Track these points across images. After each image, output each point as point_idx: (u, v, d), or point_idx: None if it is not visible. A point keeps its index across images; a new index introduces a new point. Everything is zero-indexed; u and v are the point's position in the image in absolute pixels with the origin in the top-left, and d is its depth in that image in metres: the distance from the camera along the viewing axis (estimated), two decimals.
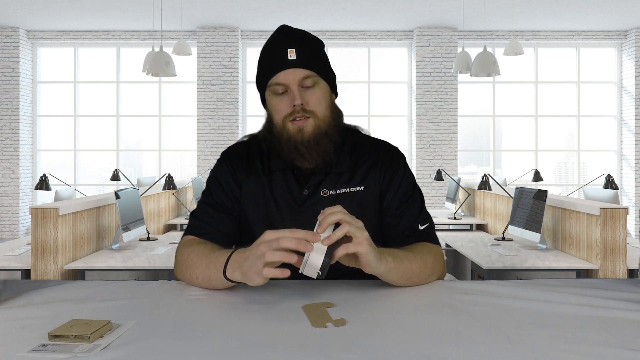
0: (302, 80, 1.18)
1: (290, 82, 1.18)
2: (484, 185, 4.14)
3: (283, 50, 1.18)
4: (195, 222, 1.25)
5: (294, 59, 1.18)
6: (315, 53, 1.21)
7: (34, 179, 8.97)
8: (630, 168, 8.72)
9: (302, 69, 1.18)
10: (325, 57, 1.24)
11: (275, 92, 1.20)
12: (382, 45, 8.95)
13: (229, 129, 8.63)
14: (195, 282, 1.10)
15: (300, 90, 1.19)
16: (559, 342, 0.78)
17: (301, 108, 1.18)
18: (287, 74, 1.18)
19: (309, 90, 1.20)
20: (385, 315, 0.91)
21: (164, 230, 5.06)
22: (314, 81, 1.20)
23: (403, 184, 1.28)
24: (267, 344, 0.76)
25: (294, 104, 1.17)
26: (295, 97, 1.17)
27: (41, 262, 2.92)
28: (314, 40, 1.23)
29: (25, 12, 7.76)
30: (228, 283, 1.05)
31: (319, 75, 1.21)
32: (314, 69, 1.19)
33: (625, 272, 2.98)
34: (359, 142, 1.31)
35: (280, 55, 1.18)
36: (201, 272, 1.08)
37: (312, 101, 1.19)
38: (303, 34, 1.22)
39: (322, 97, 1.21)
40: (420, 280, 1.12)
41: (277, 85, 1.19)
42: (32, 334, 0.81)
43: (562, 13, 7.79)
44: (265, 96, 1.25)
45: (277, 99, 1.20)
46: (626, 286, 1.12)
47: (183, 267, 1.14)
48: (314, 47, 1.22)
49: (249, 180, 1.28)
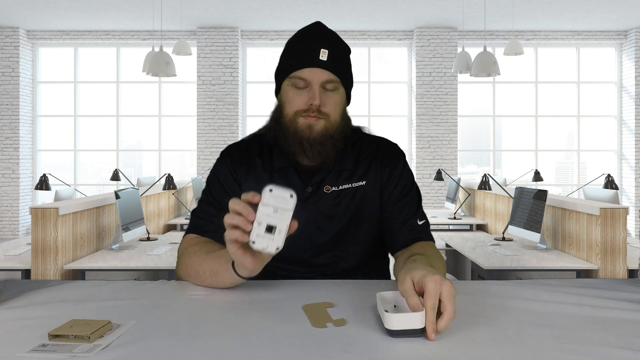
0: (325, 82, 1.20)
1: (313, 81, 1.19)
2: (484, 185, 4.14)
3: (316, 48, 1.19)
4: (197, 221, 1.26)
5: (325, 60, 1.19)
6: (344, 59, 1.23)
7: (34, 179, 8.97)
8: (630, 168, 8.71)
9: (329, 72, 1.20)
10: (350, 65, 1.27)
11: (295, 85, 1.21)
12: (382, 45, 8.95)
13: (229, 129, 8.63)
14: (202, 277, 1.09)
15: (320, 91, 1.20)
16: (559, 342, 0.78)
17: (317, 108, 1.19)
18: (314, 72, 1.19)
19: (329, 94, 1.21)
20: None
21: (164, 230, 5.06)
22: (335, 86, 1.21)
23: (402, 179, 1.30)
24: (267, 344, 0.76)
25: (312, 103, 1.18)
26: (315, 97, 1.18)
27: (41, 262, 2.92)
28: (344, 46, 1.25)
29: (25, 12, 7.76)
30: (236, 278, 1.03)
31: (340, 82, 1.22)
32: (339, 75, 1.21)
33: (625, 272, 2.98)
34: (360, 139, 1.33)
35: (312, 52, 1.19)
36: (209, 266, 1.07)
37: (329, 104, 1.21)
38: (337, 38, 1.24)
39: (339, 102, 1.23)
40: None
41: (300, 79, 1.19)
42: (32, 334, 0.81)
43: (562, 13, 7.79)
44: (282, 85, 1.25)
45: (295, 92, 1.21)
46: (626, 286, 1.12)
47: (188, 263, 1.14)
48: (343, 53, 1.24)
49: (249, 178, 1.28)
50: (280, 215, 0.88)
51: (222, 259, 1.06)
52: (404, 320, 0.78)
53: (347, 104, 1.30)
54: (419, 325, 0.78)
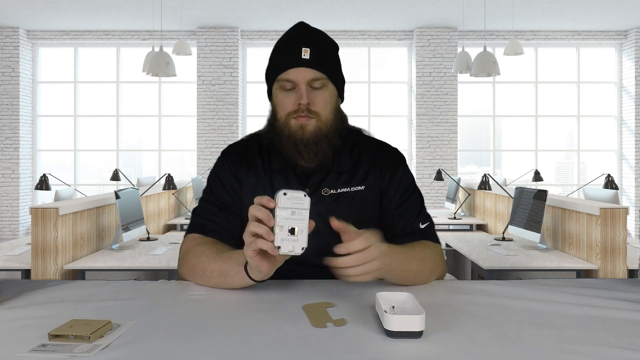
0: (311, 80, 1.19)
1: (299, 81, 1.18)
2: (484, 185, 4.14)
3: (298, 48, 1.19)
4: (199, 220, 1.25)
5: (307, 59, 1.18)
6: (329, 56, 1.22)
7: (34, 179, 8.97)
8: (630, 168, 8.71)
9: (313, 69, 1.19)
10: (337, 61, 1.25)
11: (283, 88, 1.20)
12: (382, 45, 8.95)
13: (229, 129, 8.63)
14: (209, 277, 1.09)
15: (308, 90, 1.19)
16: (559, 342, 0.78)
17: (306, 107, 1.18)
18: (298, 72, 1.18)
19: (317, 92, 1.20)
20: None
21: (164, 230, 5.07)
22: (323, 83, 1.21)
23: (403, 183, 1.29)
24: (267, 344, 0.76)
25: (300, 103, 1.18)
26: (302, 96, 1.18)
27: (41, 262, 2.92)
28: (329, 43, 1.24)
29: (25, 12, 7.76)
30: (247, 280, 1.03)
31: (328, 79, 1.21)
32: (324, 72, 1.20)
33: (625, 272, 2.98)
34: (360, 141, 1.32)
35: (294, 52, 1.19)
36: (217, 267, 1.07)
37: (318, 102, 1.20)
38: (320, 35, 1.23)
39: (328, 100, 1.22)
40: (418, 279, 1.13)
41: (286, 81, 1.19)
42: (32, 334, 0.81)
43: (562, 13, 7.79)
44: (272, 90, 1.25)
45: (284, 95, 1.20)
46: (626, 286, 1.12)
47: (194, 263, 1.13)
48: (328, 49, 1.23)
49: (249, 177, 1.28)
50: (298, 216, 0.90)
51: (233, 261, 1.05)
52: (403, 322, 0.78)
53: (341, 101, 1.30)
54: (418, 327, 0.78)
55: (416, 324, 0.78)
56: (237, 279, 1.04)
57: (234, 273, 1.04)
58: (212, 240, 1.21)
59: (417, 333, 0.78)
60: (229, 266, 1.05)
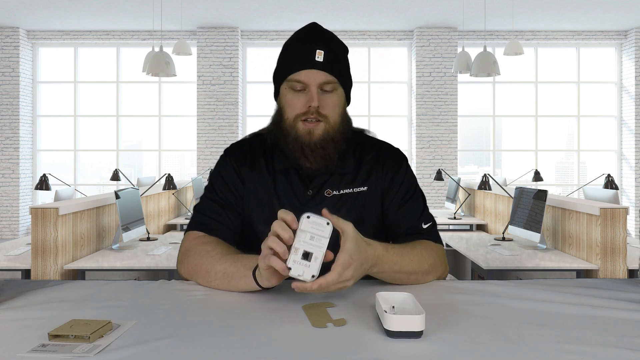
0: (322, 83, 1.18)
1: (311, 83, 1.18)
2: (484, 185, 4.14)
3: (311, 49, 1.18)
4: (201, 217, 1.24)
5: (321, 61, 1.18)
6: (341, 59, 1.22)
7: (34, 179, 8.97)
8: (630, 168, 8.72)
9: (326, 72, 1.18)
10: (347, 65, 1.25)
11: (293, 88, 1.20)
12: (382, 45, 8.95)
13: (229, 129, 8.63)
14: (212, 277, 1.08)
15: (318, 92, 1.19)
16: (559, 342, 0.78)
17: (316, 110, 1.18)
18: (310, 74, 1.18)
19: (327, 95, 1.20)
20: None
21: (164, 230, 5.07)
22: (333, 87, 1.20)
23: (405, 183, 1.29)
24: (267, 344, 0.76)
25: (310, 105, 1.17)
26: (313, 99, 1.17)
27: (41, 262, 2.92)
28: (341, 46, 1.23)
29: (25, 12, 7.76)
30: (254, 286, 1.02)
31: (338, 82, 1.21)
32: (336, 75, 1.20)
33: (625, 272, 2.98)
34: (362, 142, 1.32)
35: (307, 54, 1.18)
36: (223, 268, 1.06)
37: (327, 106, 1.20)
38: (333, 37, 1.23)
39: (337, 103, 1.22)
40: (413, 279, 1.12)
41: (297, 82, 1.18)
42: (32, 334, 0.81)
43: (562, 13, 7.79)
44: (280, 89, 1.24)
45: (293, 95, 1.20)
46: (626, 286, 1.12)
47: (197, 262, 1.12)
48: (340, 53, 1.22)
49: (252, 176, 1.27)
50: (317, 243, 0.90)
51: (240, 264, 1.05)
52: (403, 322, 0.78)
53: (347, 104, 1.29)
54: (418, 327, 0.78)
55: (416, 324, 0.78)
56: (242, 282, 1.03)
57: (240, 277, 1.03)
58: (217, 240, 1.21)
59: (417, 333, 0.78)
60: (236, 269, 1.05)
